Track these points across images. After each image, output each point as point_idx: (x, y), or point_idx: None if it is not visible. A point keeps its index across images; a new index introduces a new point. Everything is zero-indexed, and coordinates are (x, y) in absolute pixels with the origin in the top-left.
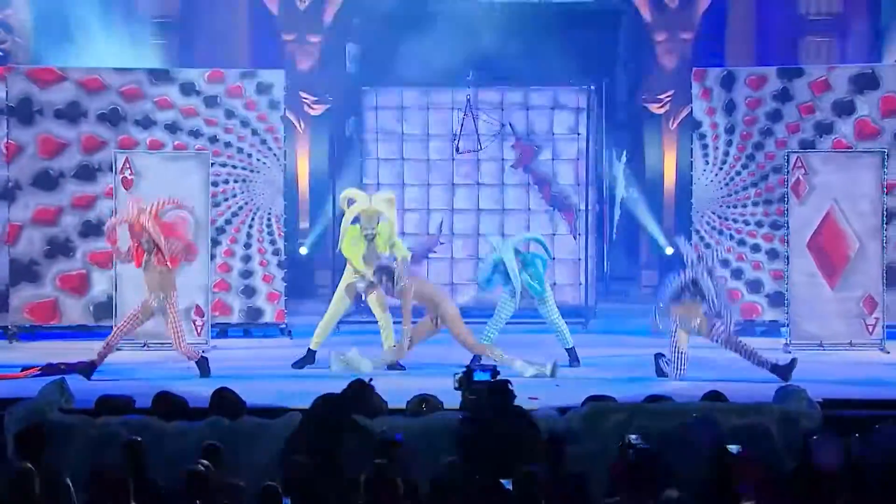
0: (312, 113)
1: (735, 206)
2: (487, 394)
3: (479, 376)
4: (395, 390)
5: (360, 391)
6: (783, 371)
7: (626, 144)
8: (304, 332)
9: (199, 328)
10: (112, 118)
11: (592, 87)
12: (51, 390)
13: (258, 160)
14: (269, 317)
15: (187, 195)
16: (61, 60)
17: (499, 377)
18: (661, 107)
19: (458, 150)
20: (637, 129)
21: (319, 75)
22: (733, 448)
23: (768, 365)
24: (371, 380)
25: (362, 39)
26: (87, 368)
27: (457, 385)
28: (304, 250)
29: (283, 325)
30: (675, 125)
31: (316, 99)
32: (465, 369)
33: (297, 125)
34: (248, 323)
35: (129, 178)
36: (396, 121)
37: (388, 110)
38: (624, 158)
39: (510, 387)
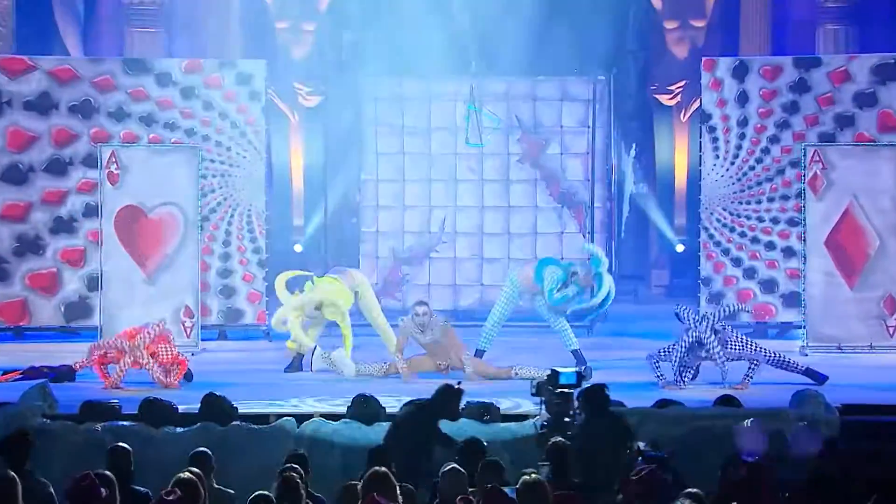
0: (307, 104)
1: (748, 203)
2: (583, 397)
3: (566, 379)
4: (391, 394)
5: (451, 396)
6: (816, 374)
7: (635, 137)
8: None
9: (188, 330)
10: (84, 110)
11: (601, 78)
12: (33, 395)
13: (238, 154)
14: (249, 318)
15: (176, 190)
16: (46, 49)
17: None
18: (672, 98)
19: (467, 141)
20: (647, 122)
21: (314, 65)
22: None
23: (801, 368)
24: (459, 383)
25: (360, 27)
26: (68, 374)
27: (535, 390)
28: (298, 248)
29: (265, 328)
30: (686, 117)
31: (310, 90)
32: (549, 372)
33: (291, 117)
34: (224, 325)
35: (115, 172)
36: (397, 112)
37: (387, 101)
38: (633, 152)
39: (607, 390)
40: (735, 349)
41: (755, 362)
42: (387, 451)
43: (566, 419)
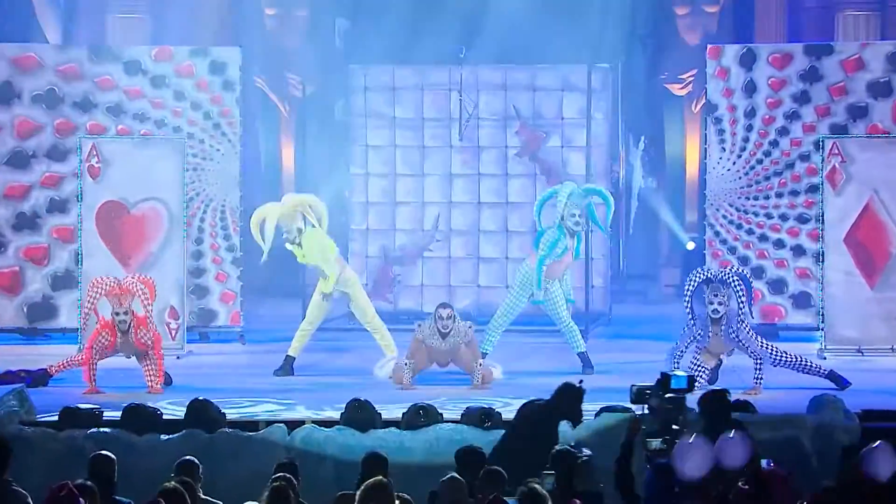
0: (297, 94)
1: (756, 198)
2: (702, 403)
3: (678, 383)
4: (388, 400)
5: (573, 395)
6: (839, 379)
7: (644, 130)
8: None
9: (173, 332)
10: (48, 100)
11: (607, 66)
12: (10, 401)
13: (211, 146)
14: (222, 320)
15: (160, 185)
16: (23, 37)
17: (695, 383)
18: (684, 88)
19: (460, 136)
20: (657, 113)
21: (307, 53)
22: (763, 463)
23: (824, 372)
24: (581, 381)
25: (352, 12)
26: (43, 378)
27: (634, 397)
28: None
29: (239, 330)
30: (698, 108)
31: (302, 79)
32: (660, 376)
33: (282, 108)
34: (195, 326)
35: (97, 166)
36: (388, 103)
37: (378, 91)
38: (642, 145)
39: (728, 396)
40: (744, 332)
41: (759, 361)
42: (384, 458)
43: (674, 427)
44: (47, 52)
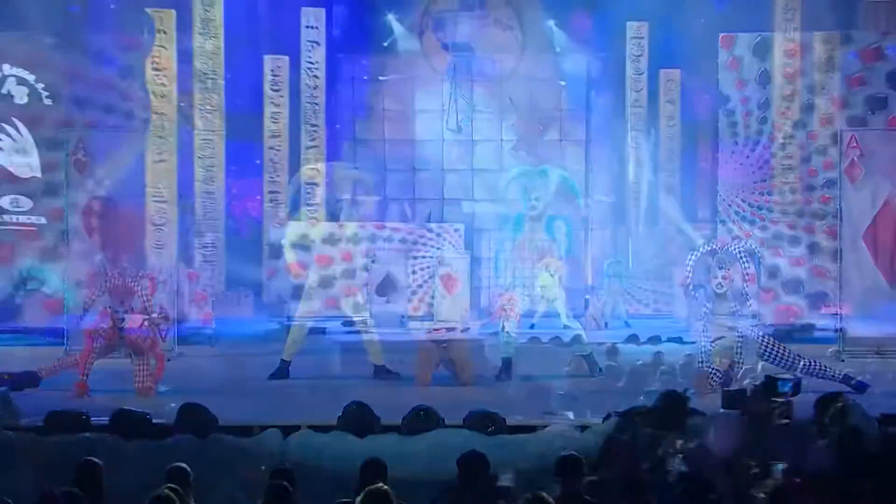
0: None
1: (770, 193)
2: (820, 406)
3: (784, 387)
4: (387, 403)
5: (677, 403)
6: (858, 385)
7: (653, 122)
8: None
9: (163, 333)
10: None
11: (608, 56)
12: None
13: (182, 140)
14: (193, 321)
15: (151, 180)
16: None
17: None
18: (695, 80)
19: (459, 128)
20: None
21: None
22: (777, 467)
23: (839, 376)
24: (686, 390)
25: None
26: (31, 380)
27: (728, 402)
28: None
29: (210, 331)
30: (710, 100)
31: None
32: (765, 379)
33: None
34: None
35: (83, 160)
36: (376, 94)
37: (366, 82)
38: (651, 138)
39: (848, 401)
40: (747, 311)
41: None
42: (383, 464)
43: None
44: (11, 42)
